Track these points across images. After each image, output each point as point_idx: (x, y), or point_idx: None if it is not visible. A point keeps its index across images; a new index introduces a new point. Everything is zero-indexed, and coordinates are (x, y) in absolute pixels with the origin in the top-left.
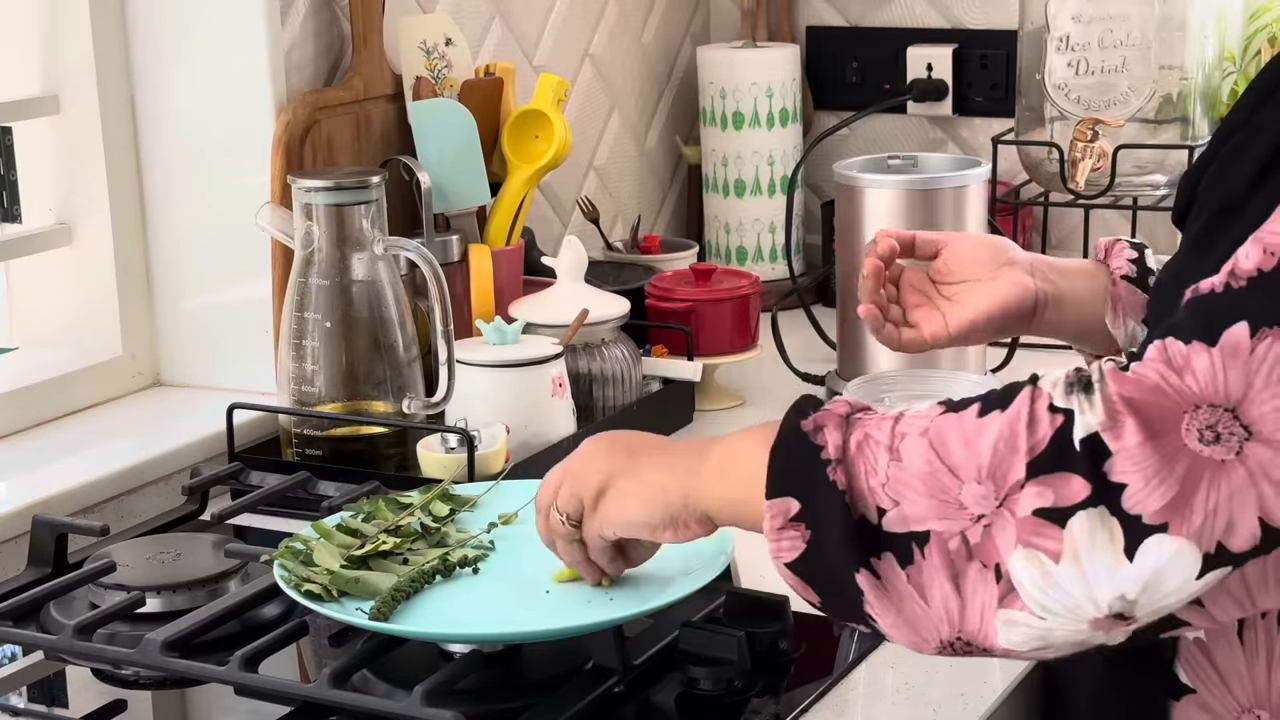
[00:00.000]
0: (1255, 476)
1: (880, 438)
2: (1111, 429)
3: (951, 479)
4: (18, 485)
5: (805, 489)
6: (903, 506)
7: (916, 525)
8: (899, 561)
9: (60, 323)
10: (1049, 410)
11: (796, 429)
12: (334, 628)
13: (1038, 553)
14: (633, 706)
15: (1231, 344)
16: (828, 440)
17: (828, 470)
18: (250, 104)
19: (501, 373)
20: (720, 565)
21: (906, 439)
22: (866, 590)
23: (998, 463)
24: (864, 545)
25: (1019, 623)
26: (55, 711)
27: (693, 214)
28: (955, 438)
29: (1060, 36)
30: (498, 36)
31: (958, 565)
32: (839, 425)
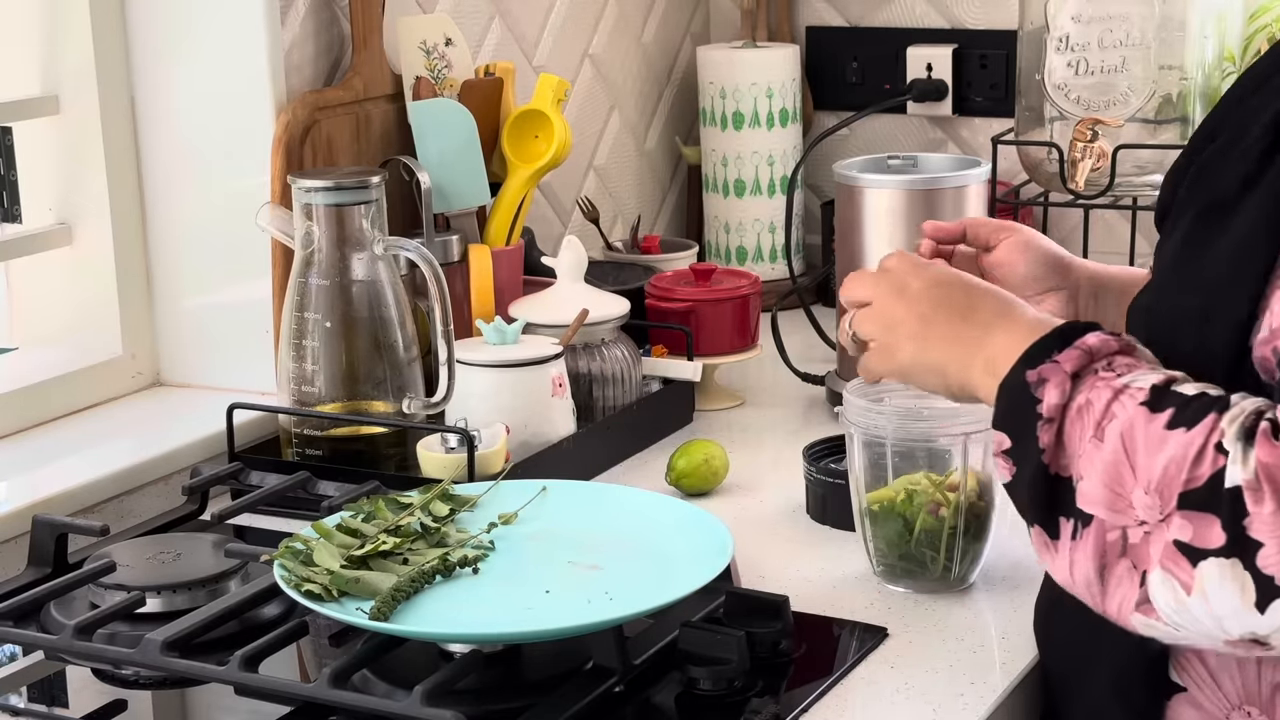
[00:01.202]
0: None
1: (1098, 409)
2: (1254, 491)
3: (1130, 477)
4: (18, 485)
5: (1016, 433)
6: (1085, 483)
7: (1088, 507)
8: (1072, 532)
9: (60, 323)
10: (1217, 449)
11: (1021, 377)
12: (334, 628)
13: (1172, 580)
14: (633, 706)
15: None
16: (1045, 397)
17: (1037, 426)
18: (250, 104)
19: (501, 373)
20: (720, 565)
21: (1114, 423)
22: (1035, 541)
23: (1166, 482)
24: (1050, 501)
25: (1154, 628)
26: (55, 711)
27: (693, 214)
28: (1142, 440)
29: (1060, 36)
30: (498, 36)
31: (1108, 558)
32: (1061, 384)
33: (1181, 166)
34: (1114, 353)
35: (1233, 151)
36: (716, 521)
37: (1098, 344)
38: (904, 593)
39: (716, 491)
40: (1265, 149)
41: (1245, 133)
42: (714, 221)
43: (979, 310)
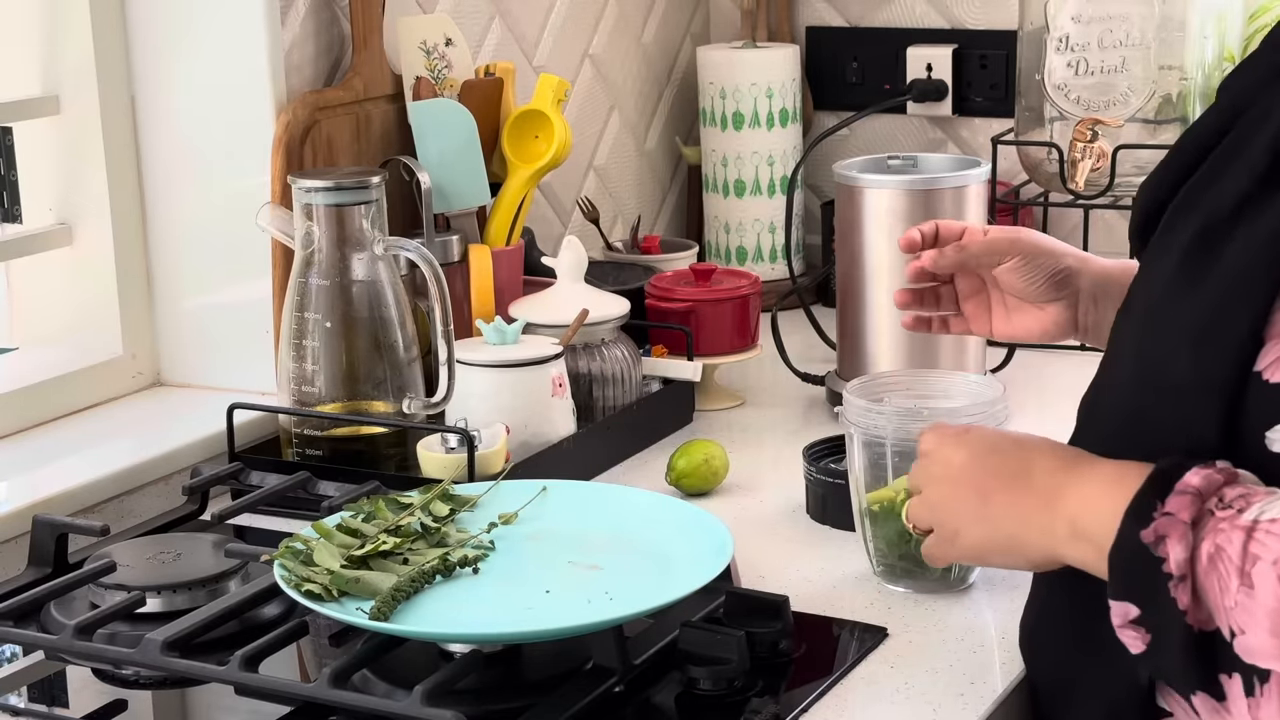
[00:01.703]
0: None
1: (1233, 554)
2: None
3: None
4: (18, 485)
5: (1145, 600)
6: (1248, 636)
7: (1259, 660)
8: (1245, 689)
9: (60, 323)
10: None
11: (1135, 538)
12: (334, 628)
13: None
14: (633, 706)
15: None
16: (1170, 554)
17: (1169, 586)
18: (250, 104)
19: (501, 373)
20: (720, 565)
21: (1259, 564)
22: (1202, 711)
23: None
24: (1206, 663)
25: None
26: (55, 711)
27: (693, 214)
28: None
29: (1060, 36)
30: (498, 36)
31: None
32: (1183, 536)
33: (1160, 179)
34: (1221, 485)
35: (1225, 171)
36: (716, 521)
37: (1202, 483)
38: (904, 593)
39: (716, 491)
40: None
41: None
42: (714, 221)
43: (1037, 470)
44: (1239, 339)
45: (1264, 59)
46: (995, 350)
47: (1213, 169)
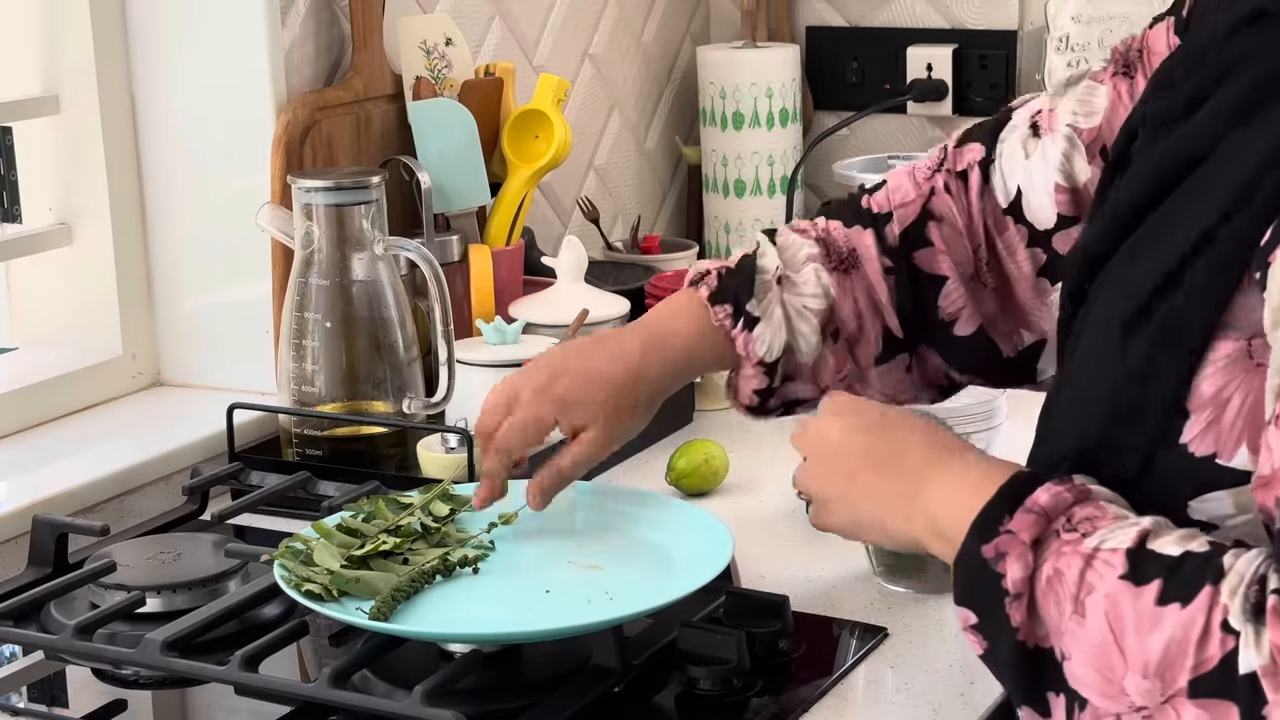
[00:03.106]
0: None
1: (1070, 580)
2: (1272, 677)
3: (1120, 661)
4: (18, 485)
5: (983, 610)
6: (1073, 663)
7: (1081, 689)
8: (1066, 711)
9: (60, 323)
10: (1222, 628)
11: (977, 553)
12: (334, 628)
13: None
14: (633, 706)
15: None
16: (1008, 572)
17: (1005, 603)
18: (250, 104)
19: (501, 373)
20: (720, 565)
21: (1093, 595)
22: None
23: (1166, 665)
24: (1035, 677)
25: None
26: (55, 711)
27: (693, 214)
28: (1130, 620)
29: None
30: (498, 36)
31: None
32: (1022, 556)
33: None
34: (1070, 505)
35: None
36: (716, 521)
37: (1050, 502)
38: (904, 593)
39: (716, 491)
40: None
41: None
42: (714, 221)
43: (907, 457)
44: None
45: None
46: None
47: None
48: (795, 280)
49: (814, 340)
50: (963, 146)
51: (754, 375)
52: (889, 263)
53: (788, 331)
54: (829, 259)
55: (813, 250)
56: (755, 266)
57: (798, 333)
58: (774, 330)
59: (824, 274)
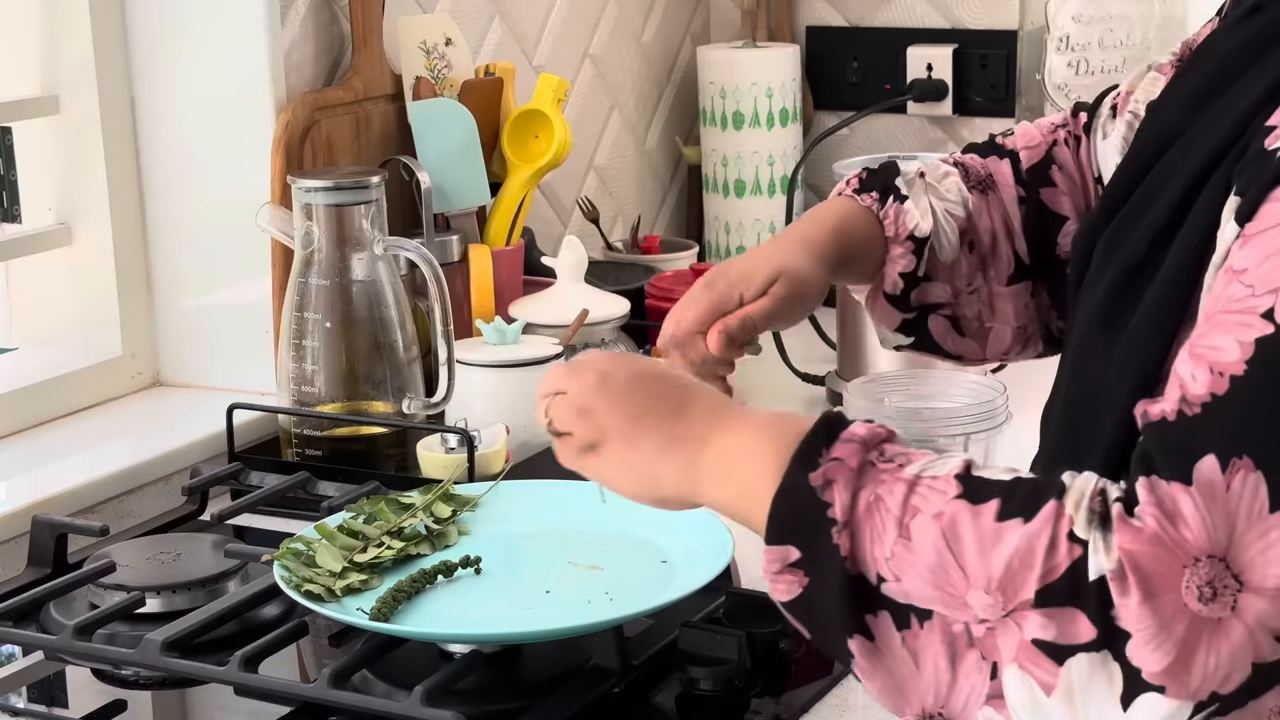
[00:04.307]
0: (1254, 631)
1: (892, 505)
2: (1119, 581)
3: (960, 578)
4: (18, 485)
5: (806, 543)
6: (905, 584)
7: (919, 604)
8: (895, 623)
9: (60, 323)
10: (1069, 538)
11: (805, 483)
12: (334, 628)
13: (1030, 680)
14: (633, 706)
15: (1206, 482)
16: (835, 499)
17: (832, 531)
18: (250, 104)
19: (501, 373)
20: (720, 565)
21: (919, 517)
22: (858, 654)
23: (1010, 578)
24: (860, 605)
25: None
26: (55, 711)
27: (693, 214)
28: (970, 538)
29: (1060, 36)
30: (498, 36)
31: (958, 647)
32: (849, 482)
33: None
34: (883, 440)
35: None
36: (716, 521)
37: (867, 434)
38: None
39: None
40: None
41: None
42: (714, 221)
43: (694, 406)
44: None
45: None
46: None
47: (1129, 214)
48: (938, 185)
49: (954, 241)
50: (1077, 115)
51: (902, 255)
52: (1022, 192)
53: (933, 221)
54: (968, 179)
55: (951, 169)
56: (897, 170)
57: (940, 229)
58: (922, 211)
59: (964, 188)
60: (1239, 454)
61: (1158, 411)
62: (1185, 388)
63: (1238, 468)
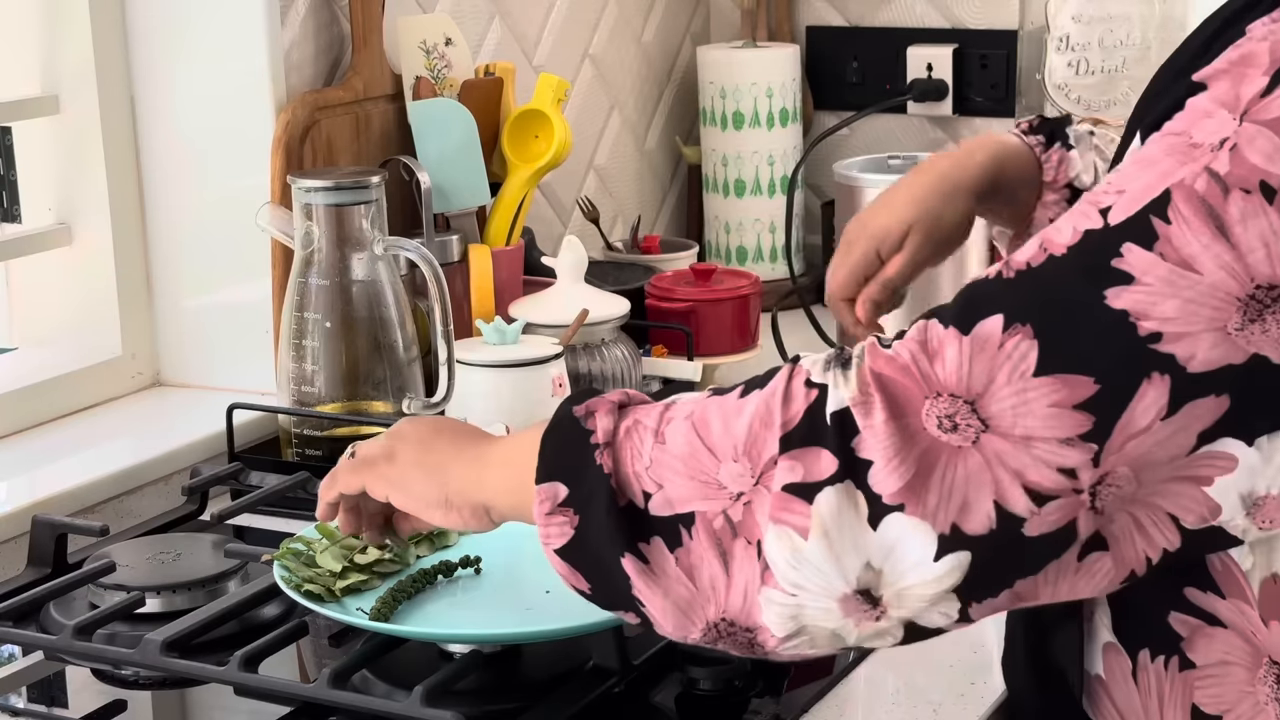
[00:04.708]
0: (991, 463)
1: (648, 423)
2: (862, 404)
3: (710, 459)
4: (18, 485)
5: (573, 474)
6: (666, 489)
7: (681, 507)
8: (667, 545)
9: (60, 323)
10: (805, 385)
11: (569, 415)
12: (334, 628)
13: (787, 529)
14: (633, 706)
15: (983, 336)
16: (597, 425)
17: (595, 454)
18: (250, 104)
19: (501, 373)
20: None
21: (673, 423)
22: (633, 575)
23: (753, 440)
24: (630, 530)
25: (774, 601)
26: (55, 711)
27: (693, 214)
28: (716, 418)
29: (1060, 36)
30: (498, 36)
31: (724, 544)
32: (610, 411)
33: None
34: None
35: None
36: None
37: (632, 391)
38: None
39: None
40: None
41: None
42: (714, 221)
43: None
44: None
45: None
46: None
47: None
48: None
49: None
50: None
51: (1056, 202)
52: None
53: (1094, 176)
54: None
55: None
56: (1070, 120)
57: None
58: (1086, 165)
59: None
60: (1024, 320)
61: (984, 273)
62: (1013, 256)
63: (1017, 331)
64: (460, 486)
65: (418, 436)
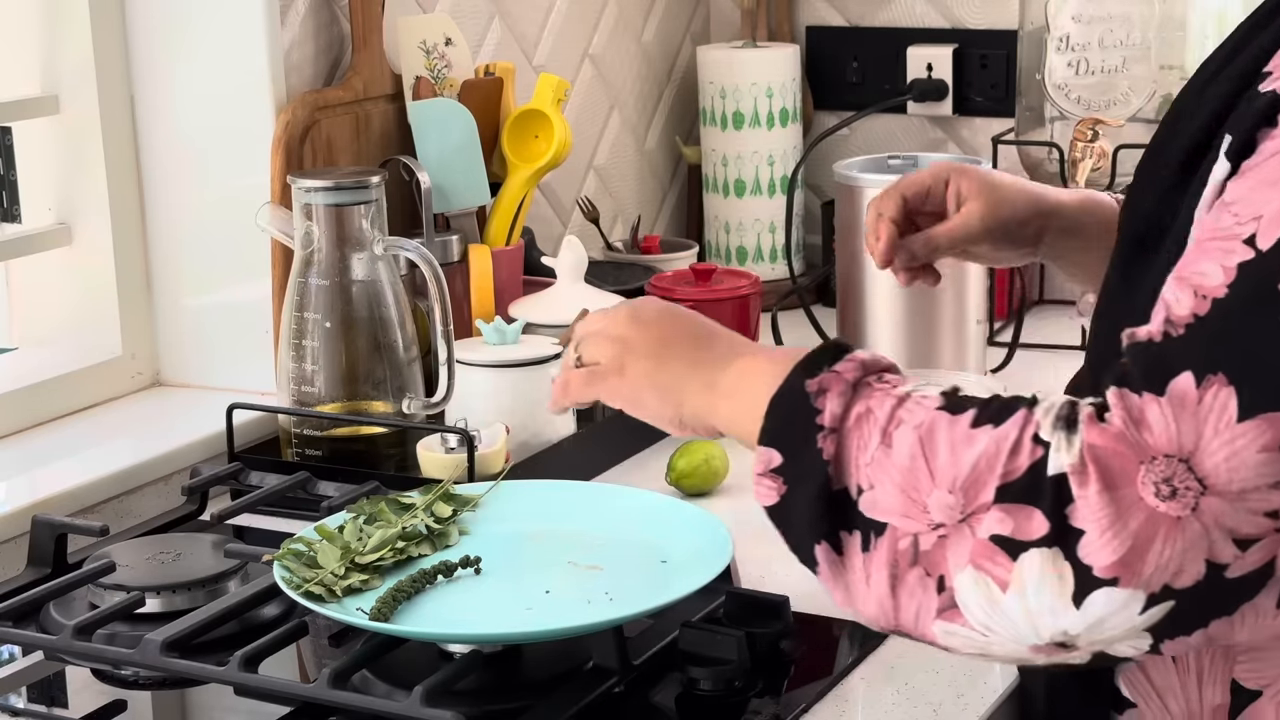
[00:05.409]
0: (1209, 529)
1: (880, 416)
2: (1079, 474)
3: (927, 481)
4: (18, 485)
5: (792, 448)
6: (876, 491)
7: (880, 515)
8: (862, 544)
9: (60, 323)
10: (1034, 440)
11: (801, 387)
12: (334, 628)
13: (987, 577)
14: (633, 706)
15: (1179, 394)
16: (826, 407)
17: (818, 437)
18: (250, 104)
19: (501, 373)
20: (720, 565)
21: (902, 427)
22: (822, 562)
23: (974, 479)
24: (833, 518)
25: (958, 634)
26: (55, 711)
27: (693, 214)
28: (944, 441)
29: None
30: (498, 36)
31: (899, 567)
32: (843, 393)
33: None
34: (883, 369)
35: (1148, 184)
36: (716, 521)
37: (869, 358)
38: None
39: (716, 491)
40: (1186, 162)
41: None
42: (714, 221)
43: (718, 338)
44: None
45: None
46: (995, 350)
47: (1137, 186)
48: None
49: None
50: None
51: None
52: None
53: None
54: None
55: None
56: None
57: None
58: None
59: None
60: (1214, 370)
61: (1144, 333)
62: (1170, 310)
63: (1211, 383)
64: (693, 410)
65: (647, 349)
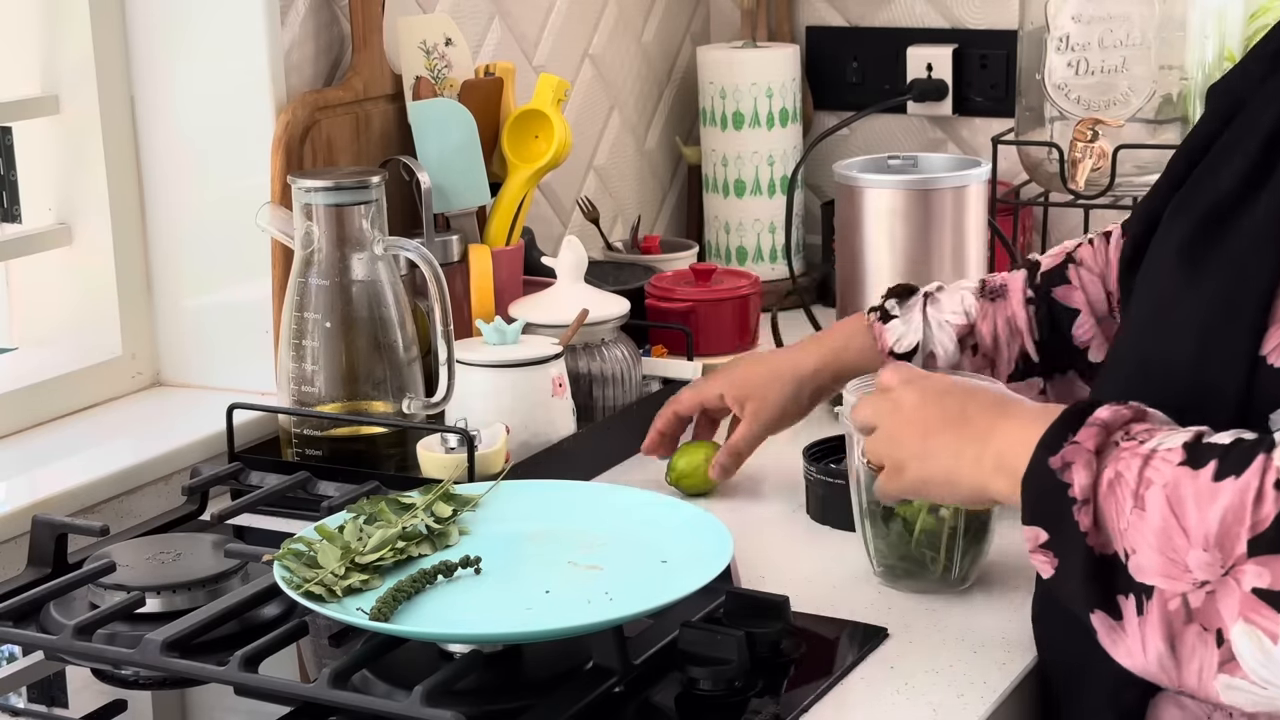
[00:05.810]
0: None
1: (1130, 479)
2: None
3: (1183, 540)
4: (18, 485)
5: (1052, 524)
6: (1138, 556)
7: (1145, 578)
8: (1137, 608)
9: (60, 323)
10: (1276, 487)
11: (1045, 466)
12: (334, 628)
13: (1257, 630)
14: (633, 706)
15: None
16: (1074, 480)
17: (1074, 510)
18: (250, 104)
19: (501, 373)
20: (720, 565)
21: (1151, 488)
22: (1099, 628)
23: (1224, 533)
24: (1105, 584)
25: (1240, 689)
26: (55, 711)
27: (693, 214)
28: (1190, 498)
29: (1060, 36)
30: (498, 36)
31: (1175, 627)
32: (1088, 464)
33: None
34: (1128, 421)
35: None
36: (716, 521)
37: (1110, 416)
38: (904, 593)
39: (716, 491)
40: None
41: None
42: (714, 221)
43: (976, 412)
44: (1244, 325)
45: (1250, 63)
46: None
47: (1206, 171)
48: (940, 299)
49: (951, 348)
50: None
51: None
52: (1030, 294)
53: (923, 335)
54: (982, 291)
55: (971, 284)
56: (915, 289)
57: (935, 339)
58: (910, 330)
59: (969, 298)
60: None
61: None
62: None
63: None
64: (970, 491)
65: (914, 449)
